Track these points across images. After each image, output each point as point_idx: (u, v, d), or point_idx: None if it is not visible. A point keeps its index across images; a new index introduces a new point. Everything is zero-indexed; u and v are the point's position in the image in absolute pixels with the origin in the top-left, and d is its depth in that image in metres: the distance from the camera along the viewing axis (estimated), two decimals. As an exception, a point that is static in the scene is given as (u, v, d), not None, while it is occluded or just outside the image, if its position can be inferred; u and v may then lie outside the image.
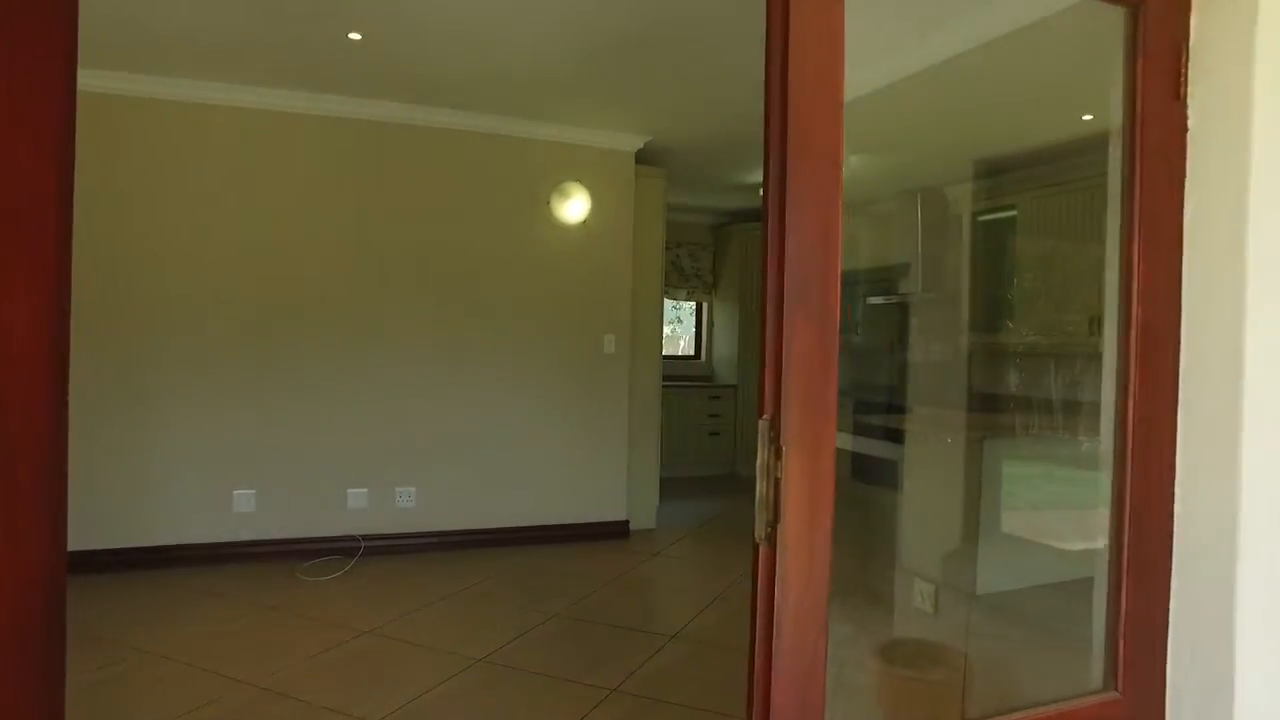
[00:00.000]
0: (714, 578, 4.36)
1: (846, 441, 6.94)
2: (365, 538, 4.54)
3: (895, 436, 6.51)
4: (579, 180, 5.00)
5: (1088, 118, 4.60)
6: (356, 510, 4.53)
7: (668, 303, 8.19)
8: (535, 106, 4.56)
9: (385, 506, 4.61)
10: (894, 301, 6.75)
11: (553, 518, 5.02)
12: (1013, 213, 5.57)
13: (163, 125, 4.16)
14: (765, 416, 1.06)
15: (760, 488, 1.06)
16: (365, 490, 4.55)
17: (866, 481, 6.76)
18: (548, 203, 4.95)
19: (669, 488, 6.86)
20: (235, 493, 4.30)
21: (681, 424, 7.50)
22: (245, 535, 4.31)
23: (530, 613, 3.69)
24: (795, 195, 1.06)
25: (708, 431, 7.65)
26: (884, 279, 7.32)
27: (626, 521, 5.23)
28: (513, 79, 4.10)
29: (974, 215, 5.83)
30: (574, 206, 4.96)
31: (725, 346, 7.98)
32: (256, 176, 4.34)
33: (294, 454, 4.40)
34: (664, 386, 7.40)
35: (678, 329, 8.68)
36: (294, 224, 4.40)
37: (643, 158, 5.47)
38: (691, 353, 8.49)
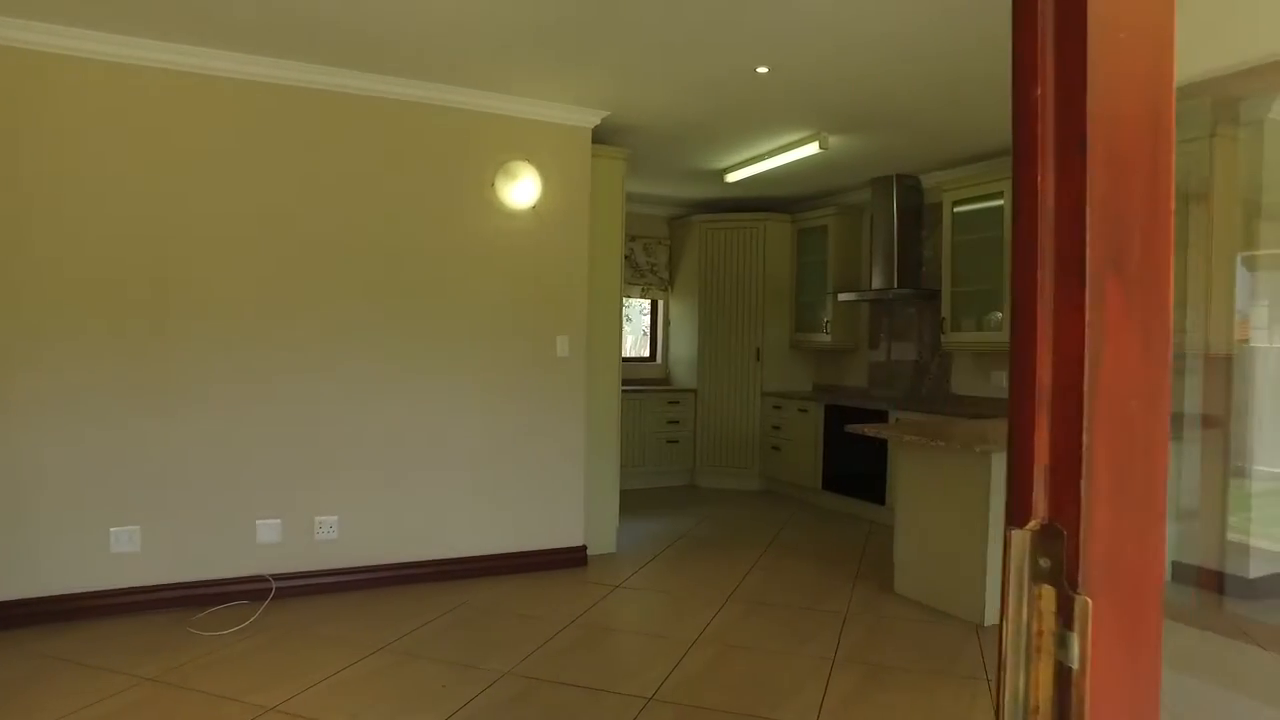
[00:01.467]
0: (687, 615, 3.80)
1: (814, 448, 6.47)
2: (277, 577, 3.84)
3: (873, 443, 6.04)
4: (528, 159, 4.38)
5: None
6: (267, 545, 3.83)
7: (621, 300, 7.61)
8: (478, 72, 3.93)
9: (302, 539, 3.92)
10: (869, 299, 6.30)
11: (500, 546, 4.39)
12: (999, 202, 5.14)
13: (32, 80, 3.39)
14: (1026, 526, 0.49)
15: (1015, 683, 0.48)
16: (278, 521, 3.85)
17: (839, 492, 6.29)
18: (492, 184, 4.32)
19: (625, 502, 6.27)
20: (113, 530, 3.55)
21: (637, 432, 6.93)
22: (126, 581, 3.57)
23: (471, 676, 3.06)
24: (1103, 82, 0.49)
25: (665, 440, 7.09)
26: (854, 274, 6.88)
27: (584, 547, 4.63)
28: (453, 39, 3.46)
29: (954, 204, 5.40)
30: (522, 189, 4.34)
31: (683, 347, 7.43)
32: (151, 149, 3.60)
33: (189, 480, 3.68)
34: (629, 391, 6.82)
35: (628, 327, 8.10)
36: (196, 205, 3.68)
37: (600, 136, 4.88)
38: (646, 354, 7.92)
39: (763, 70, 3.80)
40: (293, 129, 3.86)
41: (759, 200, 7.13)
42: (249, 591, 3.75)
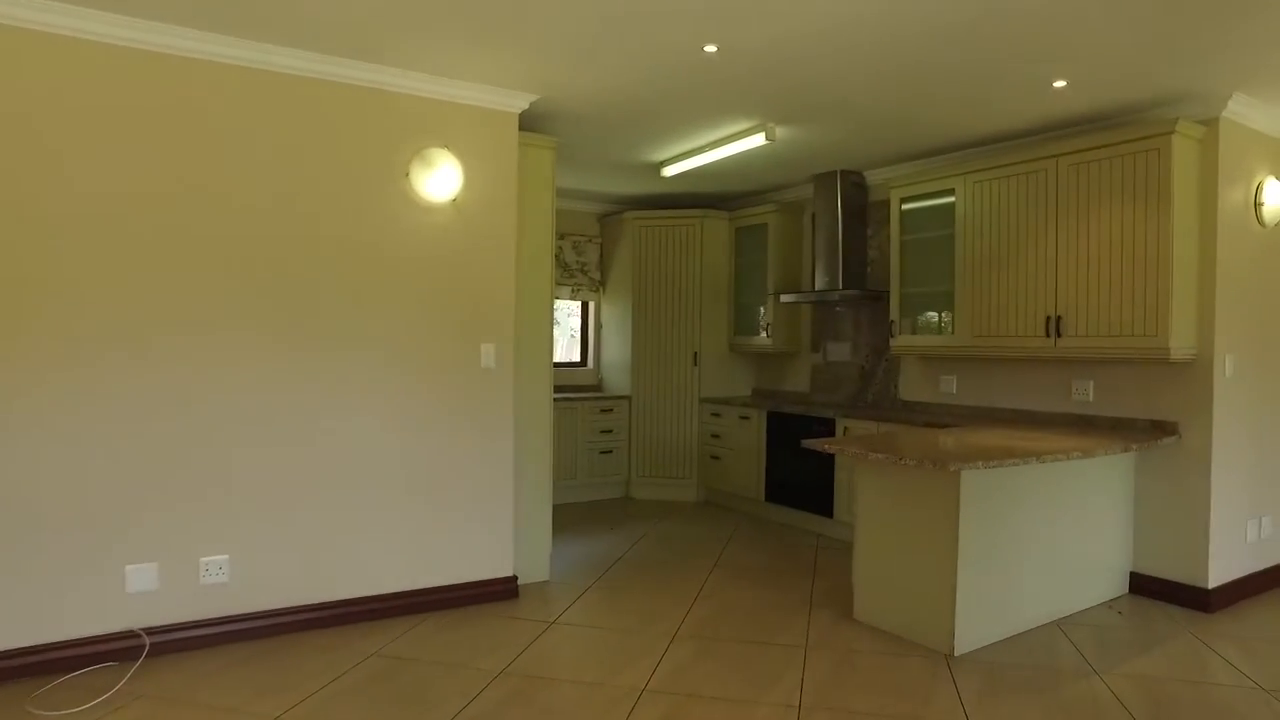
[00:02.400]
0: (631, 658, 3.40)
1: (757, 457, 6.14)
2: (153, 631, 3.27)
3: (820, 453, 5.74)
4: (447, 147, 3.90)
5: (1060, 84, 3.95)
6: (140, 594, 3.26)
7: (550, 302, 7.16)
8: (389, 46, 3.44)
9: (185, 584, 3.36)
10: (811, 300, 6.01)
11: (421, 580, 3.90)
12: (950, 199, 4.91)
13: None
14: None
15: None
16: (153, 565, 3.28)
17: (784, 503, 5.98)
18: (406, 174, 3.83)
19: (557, 519, 5.84)
20: (-61, 585, 2.94)
21: (568, 442, 6.50)
22: (-44, 647, 2.96)
23: (390, 746, 2.60)
24: None
25: (598, 450, 6.68)
26: (795, 274, 6.59)
27: (514, 578, 4.18)
28: (359, 6, 2.97)
29: (901, 201, 5.15)
30: (441, 179, 3.86)
31: (616, 352, 7.03)
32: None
33: (33, 519, 3.08)
34: (559, 399, 6.36)
35: (556, 331, 7.65)
36: (51, 184, 3.07)
37: (528, 122, 4.43)
38: (576, 358, 7.49)
39: (711, 49, 3.43)
40: (166, 104, 3.29)
41: (695, 197, 6.78)
42: (116, 651, 3.18)
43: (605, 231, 7.21)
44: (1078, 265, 4.22)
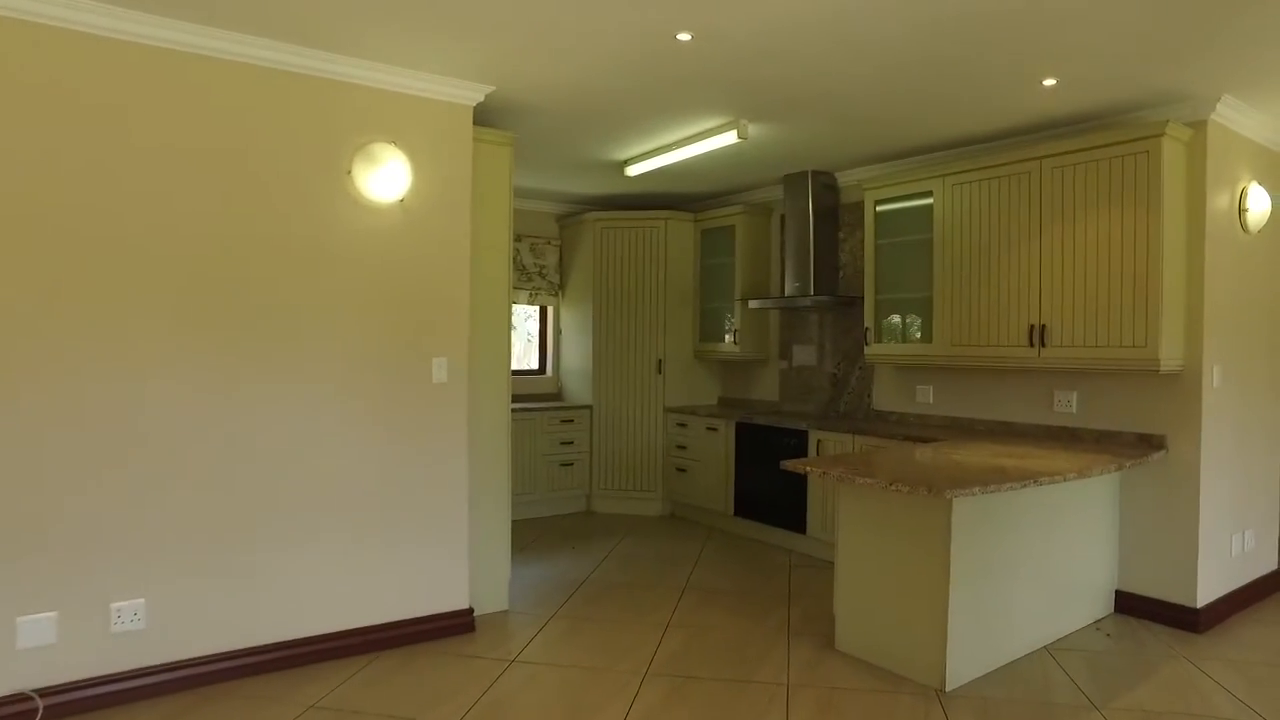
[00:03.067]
0: (599, 703, 3.10)
1: (725, 470, 5.88)
2: (51, 692, 2.87)
3: (795, 454, 5.49)
4: (394, 142, 3.56)
5: (1050, 81, 3.75)
6: (35, 650, 2.86)
7: (506, 307, 6.82)
8: (332, 30, 3.09)
9: (91, 635, 2.96)
10: (781, 306, 5.78)
11: (366, 617, 3.56)
12: (928, 201, 4.70)
13: None
14: None
15: None
16: (53, 615, 2.89)
17: (753, 518, 5.72)
18: (349, 171, 3.47)
19: (516, 537, 5.52)
20: None
21: (527, 454, 6.17)
22: None
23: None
24: None
25: (559, 462, 6.36)
26: (764, 278, 6.34)
27: (470, 610, 3.85)
28: (286, -30, 2.62)
29: (876, 204, 4.93)
30: (387, 178, 3.51)
31: (576, 359, 6.72)
32: None
33: (-82, 567, 2.67)
34: (516, 410, 6.03)
35: (514, 337, 7.31)
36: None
37: (484, 117, 4.10)
38: (535, 366, 7.16)
39: (685, 37, 3.15)
40: (74, 88, 2.90)
41: (659, 197, 6.50)
42: (6, 717, 2.78)
43: (565, 233, 6.89)
44: (1063, 272, 4.04)
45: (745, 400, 6.45)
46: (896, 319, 4.93)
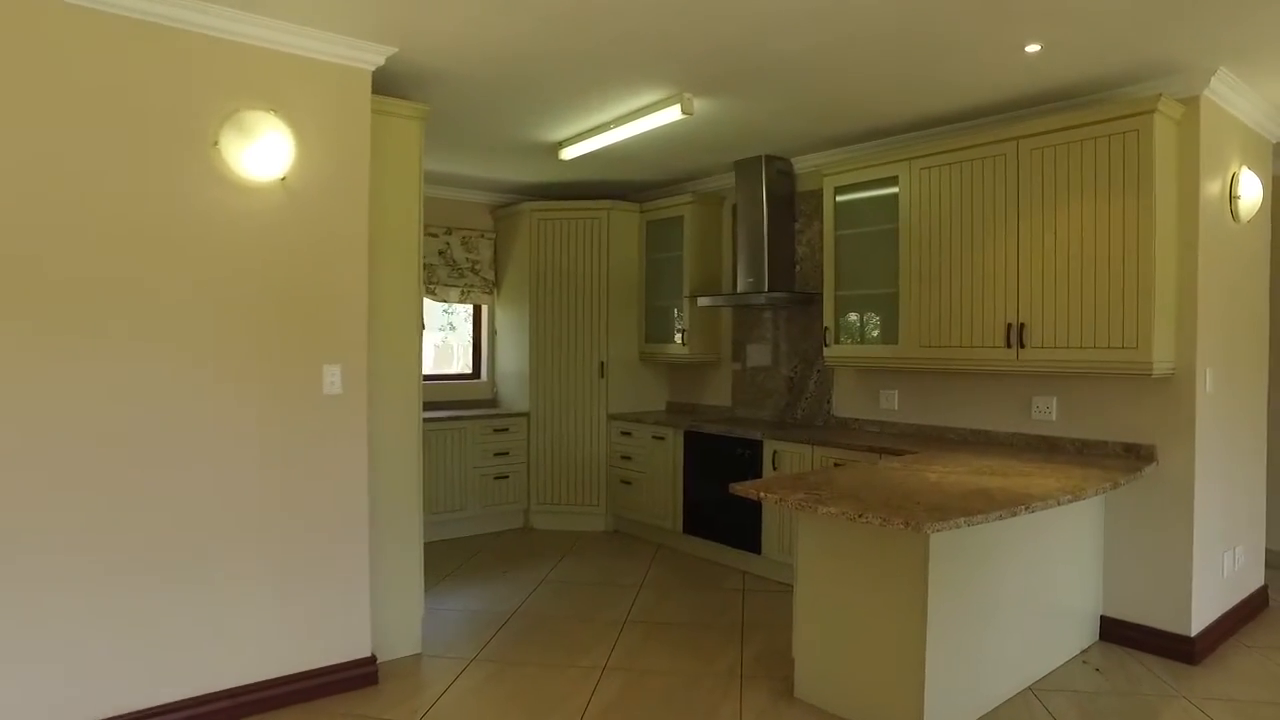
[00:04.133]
0: (520, 779, 2.58)
1: (672, 483, 5.40)
2: None
3: (747, 473, 5.02)
4: (273, 110, 2.99)
5: (1033, 48, 3.30)
6: None
7: (436, 306, 6.26)
8: (173, -40, 2.51)
9: None
10: (733, 304, 5.31)
11: (246, 674, 2.98)
12: (893, 189, 4.27)
13: None
14: None
15: None
16: None
17: (704, 536, 5.24)
18: (215, 143, 2.90)
19: (442, 558, 4.98)
20: None
21: (455, 467, 5.62)
22: None
23: None
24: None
25: (492, 475, 5.81)
26: (715, 273, 5.86)
27: (372, 659, 3.30)
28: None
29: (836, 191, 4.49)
30: (264, 151, 2.94)
31: (513, 362, 6.17)
32: None
33: None
34: (434, 419, 5.49)
35: (451, 337, 6.76)
36: None
37: (388, 84, 3.55)
38: (469, 370, 6.59)
39: (615, -16, 2.64)
40: None
41: (602, 185, 5.99)
42: None
43: (500, 225, 6.34)
44: (1043, 266, 3.62)
45: (695, 405, 5.97)
46: (857, 317, 4.49)
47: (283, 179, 3.02)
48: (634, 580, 4.75)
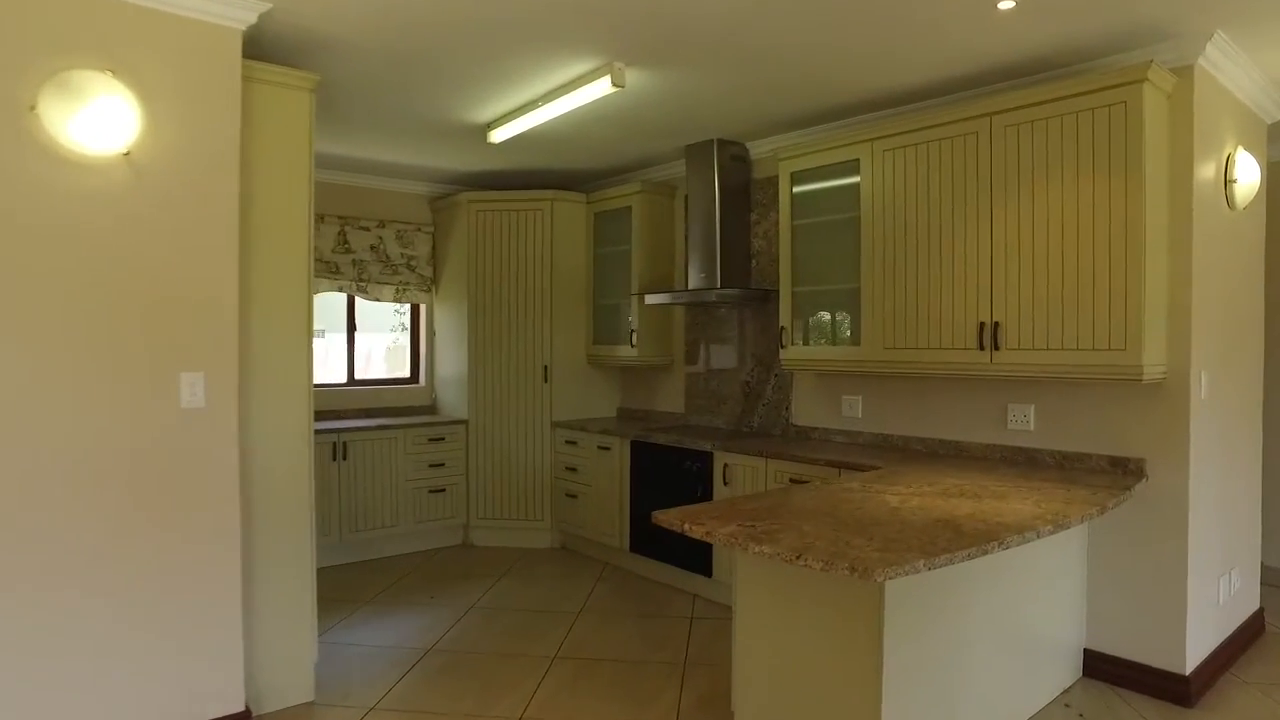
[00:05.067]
0: None
1: (619, 497, 4.95)
2: None
3: (696, 488, 4.61)
4: (110, 70, 2.51)
5: (1006, 5, 2.80)
6: None
7: (388, 307, 5.78)
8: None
9: None
10: (684, 302, 4.87)
11: (72, 745, 2.50)
12: (854, 178, 3.85)
13: None
14: None
15: None
16: None
17: (652, 556, 4.80)
18: (33, 107, 2.41)
19: (361, 581, 4.51)
20: None
21: (386, 480, 5.15)
22: None
23: None
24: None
25: (427, 488, 5.34)
26: (667, 269, 5.43)
27: (246, 713, 2.83)
28: None
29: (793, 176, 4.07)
30: (99, 120, 2.47)
31: (452, 365, 5.70)
32: None
33: None
34: (361, 428, 5.02)
35: (405, 338, 6.28)
36: None
37: (270, 50, 3.07)
38: (406, 374, 6.12)
39: (505, -87, 2.19)
40: None
41: (549, 175, 5.54)
42: None
43: (438, 218, 5.87)
44: (1020, 258, 3.22)
45: (647, 412, 5.53)
46: (817, 316, 4.07)
47: (126, 153, 2.55)
48: (573, 606, 4.30)
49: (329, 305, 5.68)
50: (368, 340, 6.35)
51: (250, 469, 2.91)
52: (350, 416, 5.52)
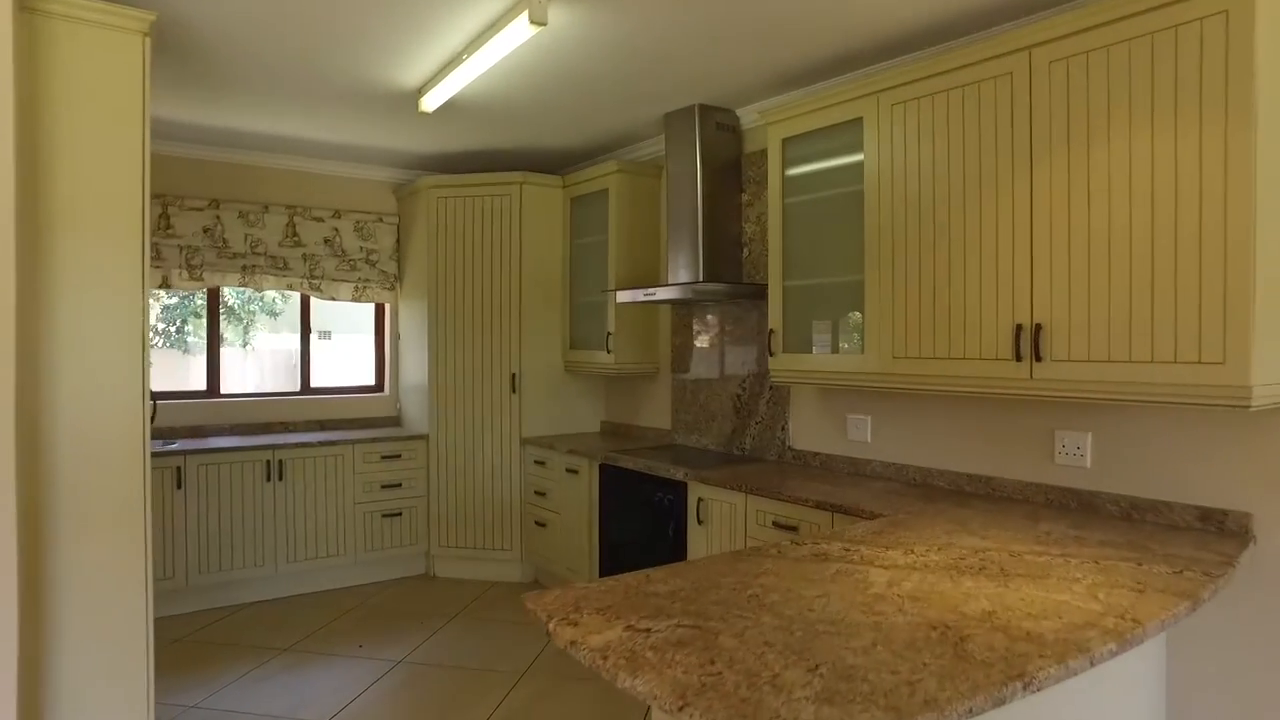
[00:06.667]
0: None
1: (588, 526, 4.13)
2: None
3: (668, 524, 3.81)
4: None
5: None
6: None
7: (366, 306, 5.14)
8: None
9: None
10: (666, 300, 4.10)
11: None
12: (858, 138, 3.04)
13: None
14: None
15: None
16: None
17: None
18: None
19: (285, 621, 3.85)
20: None
21: (330, 503, 4.51)
22: None
23: None
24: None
25: (380, 512, 4.68)
26: (651, 260, 4.67)
27: (24, 839, 2.17)
28: None
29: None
30: None
31: (414, 372, 5.04)
32: None
33: None
34: (299, 444, 4.38)
35: (352, 343, 5.64)
36: None
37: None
38: (371, 383, 5.47)
39: None
40: None
41: (520, 155, 4.83)
42: None
43: (403, 207, 5.21)
44: (1071, 239, 2.38)
45: (631, 428, 4.78)
46: (825, 316, 3.27)
47: None
48: (519, 663, 3.57)
49: (335, 305, 5.19)
50: (356, 343, 5.71)
51: (49, 498, 2.26)
52: (301, 430, 4.90)
